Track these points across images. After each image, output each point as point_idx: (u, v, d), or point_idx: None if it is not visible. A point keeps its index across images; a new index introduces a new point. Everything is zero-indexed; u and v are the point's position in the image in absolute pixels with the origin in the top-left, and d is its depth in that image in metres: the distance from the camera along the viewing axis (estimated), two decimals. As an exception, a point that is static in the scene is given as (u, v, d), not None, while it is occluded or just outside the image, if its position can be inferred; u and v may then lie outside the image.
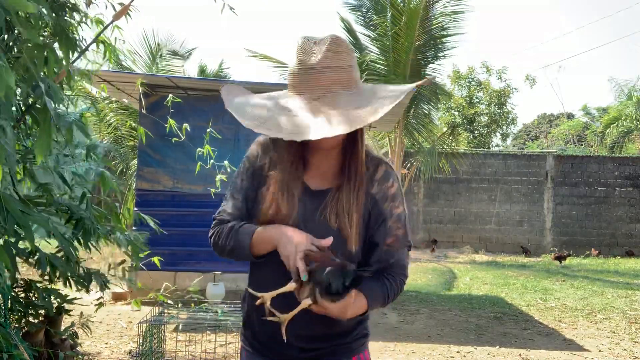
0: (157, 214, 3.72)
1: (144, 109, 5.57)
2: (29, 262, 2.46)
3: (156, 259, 3.24)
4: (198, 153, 3.96)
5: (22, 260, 2.45)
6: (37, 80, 1.79)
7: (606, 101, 51.31)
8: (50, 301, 2.83)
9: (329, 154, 1.39)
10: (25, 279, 2.88)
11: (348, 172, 1.38)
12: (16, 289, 2.82)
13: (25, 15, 1.86)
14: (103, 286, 2.72)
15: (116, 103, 9.74)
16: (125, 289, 6.00)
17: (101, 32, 2.63)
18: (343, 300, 1.24)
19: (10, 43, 2.29)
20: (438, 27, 9.90)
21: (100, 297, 2.84)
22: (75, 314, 3.26)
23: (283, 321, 1.27)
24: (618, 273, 10.45)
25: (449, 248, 13.75)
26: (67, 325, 3.31)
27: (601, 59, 64.08)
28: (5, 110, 1.69)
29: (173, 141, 4.25)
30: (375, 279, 1.37)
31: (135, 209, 5.95)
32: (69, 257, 2.47)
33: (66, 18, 2.44)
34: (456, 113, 20.03)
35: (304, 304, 1.24)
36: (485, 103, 20.04)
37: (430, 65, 10.22)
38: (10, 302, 2.62)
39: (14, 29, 2.12)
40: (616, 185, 13.86)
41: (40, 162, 2.09)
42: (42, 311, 2.92)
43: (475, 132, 20.16)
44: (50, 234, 2.15)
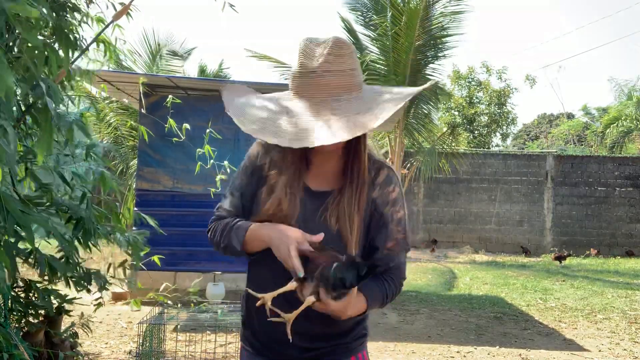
0: (157, 214, 3.72)
1: (144, 109, 5.58)
2: (29, 262, 2.46)
3: (156, 258, 3.24)
4: (198, 153, 3.96)
5: (22, 261, 2.45)
6: (37, 80, 1.78)
7: (606, 101, 51.39)
8: (50, 301, 2.82)
9: (331, 155, 1.39)
10: (25, 279, 2.88)
11: (350, 176, 1.37)
12: (16, 289, 2.82)
13: (26, 17, 1.86)
14: (102, 287, 2.71)
15: (116, 103, 9.74)
16: (126, 289, 6.00)
17: (101, 32, 2.63)
18: (345, 298, 1.24)
19: (10, 43, 2.29)
20: (438, 27, 9.88)
21: (99, 297, 2.84)
22: (75, 314, 3.26)
23: (288, 321, 1.24)
24: (618, 273, 10.45)
25: (449, 248, 13.74)
26: (67, 325, 3.31)
27: (601, 59, 64.17)
28: (5, 110, 1.69)
29: (173, 141, 4.26)
30: (375, 280, 1.38)
31: (135, 209, 5.95)
32: (68, 258, 2.46)
33: (67, 17, 2.44)
34: (456, 113, 20.03)
35: (308, 301, 1.22)
36: (485, 103, 20.03)
37: (430, 65, 10.19)
38: (10, 302, 2.62)
39: (14, 28, 2.11)
40: (616, 185, 13.86)
41: (41, 162, 2.09)
42: (42, 311, 2.92)
43: (475, 132, 20.16)
44: (50, 234, 2.15)
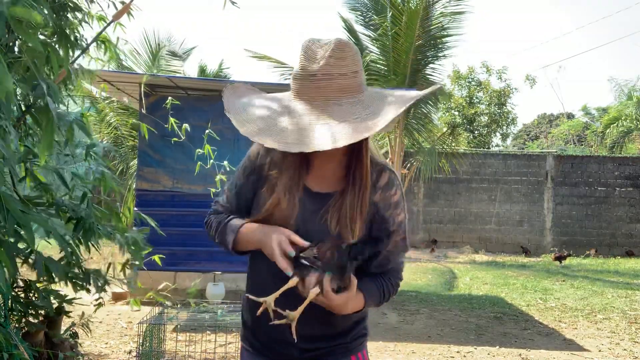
0: (157, 214, 3.72)
1: (144, 109, 5.58)
2: (28, 263, 2.45)
3: (157, 258, 3.24)
4: (198, 153, 3.96)
5: (22, 261, 2.44)
6: (38, 80, 1.78)
7: (606, 101, 51.40)
8: (50, 301, 2.82)
9: (332, 157, 1.36)
10: (25, 279, 2.88)
11: (353, 180, 1.35)
12: (16, 289, 2.81)
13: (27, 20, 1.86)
14: (100, 287, 2.69)
15: (116, 103, 9.74)
16: (125, 289, 6.00)
17: (102, 31, 2.62)
18: (346, 292, 1.24)
19: (10, 43, 2.28)
20: (438, 27, 9.90)
21: (99, 298, 2.83)
22: (75, 314, 3.25)
23: (292, 319, 1.23)
24: (618, 273, 10.45)
25: (449, 248, 13.74)
26: (67, 325, 3.31)
27: (601, 59, 64.22)
28: (5, 110, 1.69)
29: (173, 141, 4.26)
30: (372, 279, 1.38)
31: (135, 209, 5.95)
32: (68, 259, 2.46)
33: (68, 16, 2.44)
34: (456, 113, 20.02)
35: (312, 293, 1.21)
36: (485, 103, 20.02)
37: (430, 65, 10.21)
38: (10, 302, 2.61)
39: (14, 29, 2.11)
40: (616, 185, 13.86)
41: (43, 162, 2.08)
42: (42, 311, 2.91)
43: (475, 132, 20.15)
44: (49, 234, 2.14)
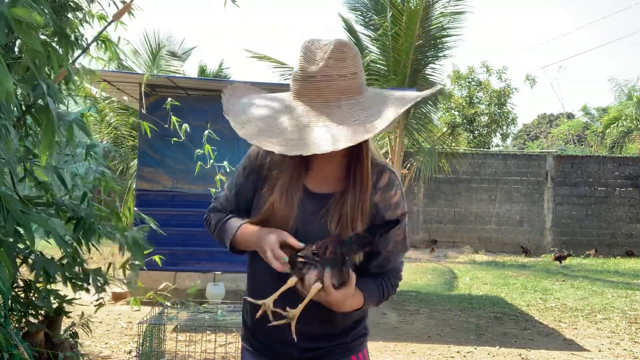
0: (157, 214, 3.72)
1: (144, 109, 5.58)
2: (28, 263, 2.45)
3: (157, 258, 3.24)
4: (198, 153, 3.96)
5: (20, 261, 2.44)
6: (38, 80, 1.78)
7: (606, 101, 51.43)
8: (50, 301, 2.82)
9: (332, 158, 1.34)
10: (25, 279, 2.88)
11: (353, 181, 1.35)
12: (16, 289, 2.81)
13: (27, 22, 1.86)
14: (100, 287, 2.69)
15: (116, 103, 9.74)
16: (125, 289, 6.00)
17: (103, 30, 2.62)
18: (344, 289, 1.23)
19: (10, 43, 2.28)
20: (438, 27, 9.89)
21: (100, 298, 2.83)
22: (75, 314, 3.25)
23: (292, 317, 1.22)
24: (618, 273, 10.45)
25: (449, 248, 13.75)
26: (67, 325, 3.30)
27: (601, 59, 64.18)
28: (5, 111, 1.69)
29: (173, 141, 4.26)
30: (372, 278, 1.38)
31: (135, 209, 5.95)
32: (69, 260, 2.46)
33: (68, 16, 2.44)
34: (456, 113, 20.02)
35: (314, 289, 1.20)
36: (485, 103, 20.02)
37: (430, 65, 10.19)
38: (10, 302, 2.61)
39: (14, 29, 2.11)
40: (616, 185, 13.86)
41: (44, 162, 2.08)
42: (42, 311, 2.91)
43: (475, 132, 20.15)
44: (49, 234, 2.14)
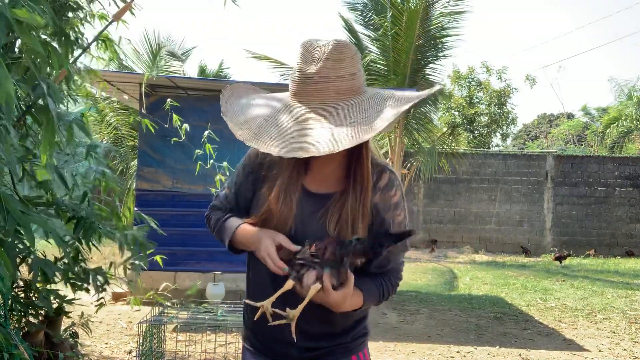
0: (157, 214, 3.71)
1: (144, 109, 5.58)
2: (27, 263, 2.45)
3: (158, 258, 3.24)
4: (198, 153, 3.96)
5: (19, 259, 2.44)
6: (38, 80, 1.78)
7: (606, 101, 51.43)
8: (50, 301, 2.82)
9: (332, 159, 1.33)
10: (25, 279, 2.88)
11: (353, 181, 1.34)
12: (16, 289, 2.81)
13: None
14: (100, 287, 2.68)
15: (116, 103, 9.74)
16: (126, 288, 6.01)
17: (103, 30, 2.62)
18: (343, 289, 1.23)
19: (10, 43, 2.28)
20: (438, 27, 9.88)
21: (100, 298, 2.83)
22: (75, 314, 3.25)
23: (292, 318, 1.21)
24: (618, 273, 10.45)
25: (449, 248, 13.75)
26: (67, 325, 3.30)
27: (601, 59, 64.20)
28: (5, 111, 1.69)
29: (173, 141, 4.26)
30: (372, 278, 1.37)
31: (135, 209, 5.95)
32: (69, 260, 2.46)
33: (69, 15, 2.43)
34: (456, 113, 20.02)
35: (313, 289, 1.20)
36: (485, 103, 20.02)
37: (430, 65, 10.19)
38: (10, 302, 2.61)
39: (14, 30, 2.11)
40: (616, 185, 13.86)
41: (45, 162, 2.08)
42: (42, 311, 2.91)
43: (475, 132, 20.15)
44: (49, 234, 2.14)
